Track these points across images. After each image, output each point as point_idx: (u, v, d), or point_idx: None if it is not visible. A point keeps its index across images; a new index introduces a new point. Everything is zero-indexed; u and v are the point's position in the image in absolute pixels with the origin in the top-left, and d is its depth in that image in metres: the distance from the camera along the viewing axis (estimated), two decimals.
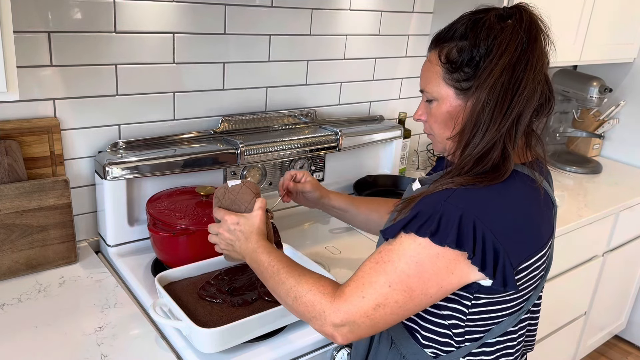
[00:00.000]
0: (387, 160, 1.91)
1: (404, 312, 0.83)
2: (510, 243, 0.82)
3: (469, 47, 0.85)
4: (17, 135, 1.23)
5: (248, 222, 1.02)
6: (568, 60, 2.12)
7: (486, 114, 0.83)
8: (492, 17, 0.85)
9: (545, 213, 0.91)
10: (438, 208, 0.81)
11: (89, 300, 1.19)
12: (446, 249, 0.80)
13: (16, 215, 1.22)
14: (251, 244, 1.00)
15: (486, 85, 0.83)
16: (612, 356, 2.65)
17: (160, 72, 1.40)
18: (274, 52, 1.60)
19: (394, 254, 0.82)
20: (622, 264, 2.33)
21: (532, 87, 0.83)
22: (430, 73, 0.90)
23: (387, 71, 1.94)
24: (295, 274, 0.91)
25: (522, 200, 0.86)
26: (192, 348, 1.05)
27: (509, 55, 0.82)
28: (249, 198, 1.05)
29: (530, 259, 0.87)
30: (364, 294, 0.82)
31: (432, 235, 0.80)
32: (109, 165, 1.28)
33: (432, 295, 0.83)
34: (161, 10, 1.35)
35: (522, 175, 0.88)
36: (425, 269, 0.81)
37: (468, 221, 0.80)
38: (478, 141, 0.84)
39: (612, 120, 2.48)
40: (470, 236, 0.80)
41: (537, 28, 0.85)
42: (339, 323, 0.83)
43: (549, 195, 0.94)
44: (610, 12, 2.13)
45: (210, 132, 1.52)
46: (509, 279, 0.82)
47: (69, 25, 1.23)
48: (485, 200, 0.83)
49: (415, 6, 1.91)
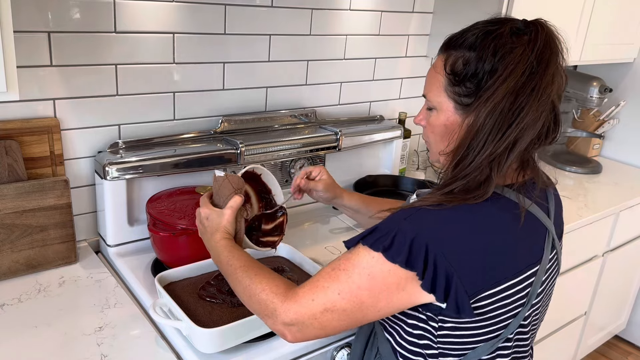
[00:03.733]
0: (387, 160, 1.91)
1: (352, 321, 0.84)
2: (466, 269, 0.80)
3: (474, 61, 0.82)
4: (17, 135, 1.23)
5: (216, 219, 1.03)
6: (568, 60, 2.11)
7: (480, 138, 0.81)
8: (506, 31, 0.81)
9: (526, 240, 0.87)
10: (395, 225, 0.81)
11: (88, 300, 1.19)
12: (397, 266, 0.79)
13: (16, 215, 1.22)
14: (213, 241, 1.01)
15: (485, 109, 0.80)
16: (612, 356, 2.65)
17: (160, 72, 1.40)
18: (274, 52, 1.60)
19: (349, 264, 0.83)
20: (622, 264, 2.33)
21: (535, 116, 0.80)
22: (433, 80, 0.89)
23: (387, 71, 1.94)
24: (251, 273, 0.92)
25: (493, 225, 0.83)
26: (192, 348, 1.05)
27: (514, 80, 0.79)
28: (227, 193, 1.05)
29: (496, 286, 0.83)
30: (314, 297, 0.84)
31: (384, 251, 0.80)
32: (109, 165, 1.28)
33: (381, 309, 0.83)
34: (161, 10, 1.35)
35: (503, 200, 0.85)
36: (376, 282, 0.81)
37: (420, 243, 0.79)
38: (467, 164, 0.82)
39: (612, 120, 2.48)
40: (421, 258, 0.79)
41: (552, 51, 0.81)
42: (289, 322, 0.85)
43: (539, 221, 0.90)
44: (610, 12, 2.13)
45: (210, 132, 1.52)
46: (462, 306, 0.80)
47: (69, 25, 1.23)
48: (446, 222, 0.81)
49: (415, 6, 1.91)
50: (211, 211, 1.05)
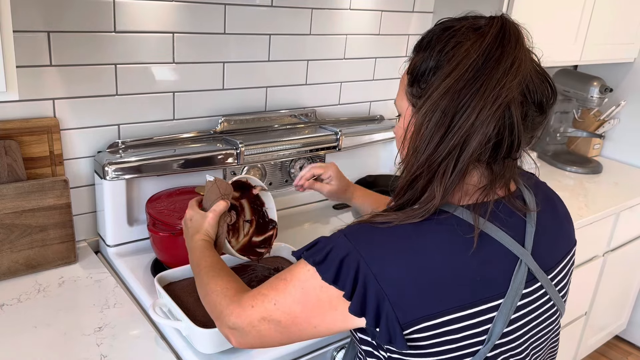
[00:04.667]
0: (387, 160, 1.91)
1: (288, 334, 0.80)
2: (400, 294, 0.72)
3: (425, 59, 0.76)
4: (16, 135, 1.22)
5: (198, 221, 1.04)
6: (568, 60, 2.11)
7: (420, 142, 0.73)
8: (465, 27, 0.74)
9: (483, 268, 0.75)
10: (332, 241, 0.77)
11: (88, 300, 1.19)
12: (327, 285, 0.75)
13: (15, 215, 1.22)
14: (192, 241, 1.02)
15: (424, 108, 0.73)
16: (612, 356, 2.65)
17: (160, 72, 1.40)
18: (274, 52, 1.60)
19: (289, 275, 0.79)
20: (622, 264, 2.32)
21: (482, 121, 0.70)
22: (400, 84, 0.84)
23: (387, 71, 1.93)
24: (211, 274, 0.92)
25: (437, 247, 0.74)
26: (192, 348, 1.05)
27: (453, 78, 0.71)
28: (214, 198, 1.06)
29: (435, 318, 0.72)
30: (254, 304, 0.81)
31: (316, 265, 0.76)
32: (109, 165, 1.28)
33: (317, 326, 0.78)
34: (161, 9, 1.35)
35: (454, 219, 0.75)
36: (309, 297, 0.77)
37: (352, 261, 0.73)
38: (409, 173, 0.75)
39: (612, 120, 2.48)
40: (351, 277, 0.73)
41: (504, 47, 0.71)
42: (232, 326, 0.83)
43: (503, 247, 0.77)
44: (610, 12, 2.13)
45: (210, 132, 1.52)
46: (393, 334, 0.73)
47: (68, 25, 1.23)
48: (384, 241, 0.74)
49: (415, 6, 1.91)
50: (195, 213, 1.05)
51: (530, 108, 0.76)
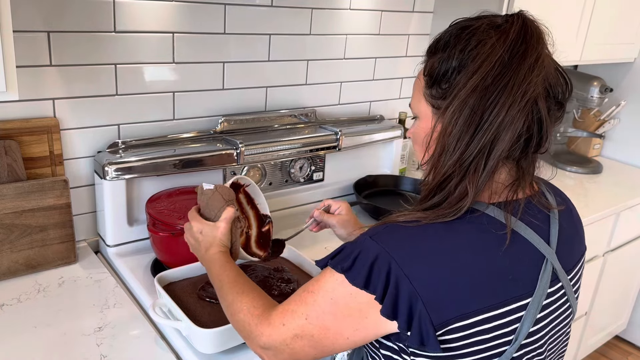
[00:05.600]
0: (387, 160, 1.91)
1: (323, 348, 0.78)
2: (433, 295, 0.70)
3: (445, 59, 0.76)
4: (16, 135, 1.22)
5: (210, 233, 0.99)
6: (568, 60, 2.11)
7: (450, 142, 0.73)
8: (483, 26, 0.74)
9: (513, 267, 0.75)
10: (359, 245, 0.75)
11: (88, 300, 1.19)
12: (357, 290, 0.73)
13: (15, 215, 1.22)
14: (208, 255, 0.98)
15: (452, 107, 0.73)
16: (612, 356, 2.65)
17: (160, 72, 1.40)
18: (274, 52, 1.60)
19: (317, 286, 0.77)
20: (622, 264, 2.32)
21: (511, 117, 0.71)
22: (415, 86, 0.83)
23: (387, 71, 1.93)
24: (235, 290, 0.89)
25: (469, 246, 0.73)
26: (192, 348, 1.05)
27: (480, 76, 0.71)
28: (219, 205, 1.01)
29: (468, 318, 0.72)
30: (285, 322, 0.79)
31: (345, 272, 0.74)
32: (109, 165, 1.28)
33: (349, 337, 0.76)
34: (161, 9, 1.35)
35: (486, 218, 0.75)
36: (339, 307, 0.75)
37: (382, 263, 0.71)
38: (440, 173, 0.75)
39: (612, 120, 2.47)
40: (382, 280, 0.71)
41: (528, 43, 0.72)
42: (263, 346, 0.82)
43: (532, 245, 0.77)
44: (610, 12, 2.13)
45: (210, 132, 1.52)
46: (426, 337, 0.71)
47: (68, 25, 1.23)
48: (415, 241, 0.73)
49: (415, 6, 1.91)
50: (203, 225, 1.00)
51: (551, 102, 0.76)
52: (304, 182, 1.71)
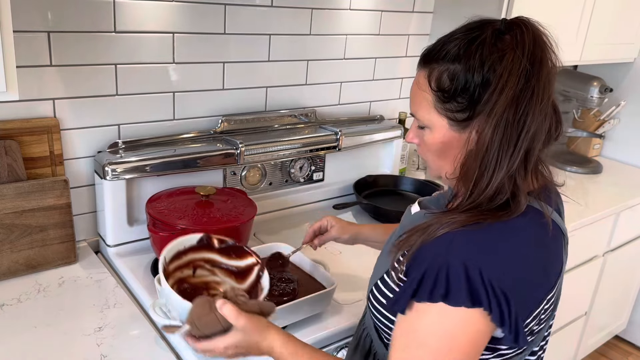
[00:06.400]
0: (388, 160, 1.91)
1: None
2: (521, 291, 0.74)
3: (462, 74, 0.76)
4: (16, 135, 1.22)
5: (244, 335, 0.82)
6: (568, 60, 2.11)
7: (492, 156, 0.75)
8: (489, 37, 0.76)
9: (553, 250, 0.82)
10: (441, 264, 0.72)
11: (88, 300, 1.19)
12: (464, 309, 0.71)
13: (15, 215, 1.22)
14: (266, 348, 0.83)
15: (489, 124, 0.74)
16: (612, 356, 2.65)
17: (160, 72, 1.40)
18: (274, 52, 1.60)
19: (420, 333, 0.73)
20: (622, 264, 2.32)
21: (540, 120, 0.75)
22: (420, 98, 0.82)
23: (387, 71, 1.93)
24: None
25: (529, 240, 0.78)
26: (192, 348, 1.05)
27: (511, 89, 0.73)
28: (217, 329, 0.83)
29: (539, 305, 0.78)
30: None
31: (444, 299, 0.71)
32: (109, 165, 1.28)
33: (474, 357, 0.73)
34: (161, 10, 1.35)
35: (529, 209, 0.79)
36: (459, 341, 0.71)
37: (474, 272, 0.71)
38: (487, 182, 0.76)
39: (612, 120, 2.47)
40: (482, 290, 0.71)
41: (542, 49, 0.76)
42: None
43: (558, 226, 0.83)
44: (610, 12, 2.13)
45: (210, 132, 1.52)
46: (519, 333, 0.73)
47: (68, 25, 1.23)
48: (487, 243, 0.74)
49: (415, 6, 1.91)
50: (232, 337, 0.82)
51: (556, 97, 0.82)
52: (304, 182, 1.71)
